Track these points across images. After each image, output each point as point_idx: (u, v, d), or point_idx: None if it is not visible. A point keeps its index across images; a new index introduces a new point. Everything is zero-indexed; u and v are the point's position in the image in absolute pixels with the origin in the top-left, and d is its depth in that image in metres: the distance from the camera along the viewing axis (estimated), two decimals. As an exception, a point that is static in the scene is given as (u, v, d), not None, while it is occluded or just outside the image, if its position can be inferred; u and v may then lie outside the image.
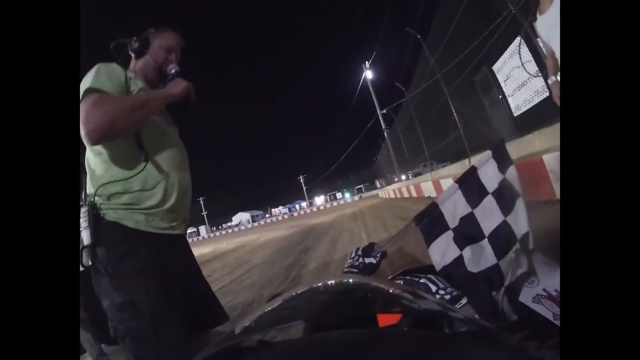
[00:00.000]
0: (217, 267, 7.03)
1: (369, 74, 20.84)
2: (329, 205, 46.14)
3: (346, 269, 1.11)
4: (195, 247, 1.36)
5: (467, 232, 1.07)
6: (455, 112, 9.03)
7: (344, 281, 0.72)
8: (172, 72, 1.22)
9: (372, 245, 1.17)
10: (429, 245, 1.06)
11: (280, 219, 44.29)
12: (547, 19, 1.92)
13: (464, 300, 0.95)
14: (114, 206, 1.07)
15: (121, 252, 1.03)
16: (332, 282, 0.68)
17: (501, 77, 7.13)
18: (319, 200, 66.65)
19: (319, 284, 0.66)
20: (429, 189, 10.16)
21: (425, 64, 10.36)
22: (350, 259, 1.14)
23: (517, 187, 1.08)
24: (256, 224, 46.98)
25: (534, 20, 2.06)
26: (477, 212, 1.08)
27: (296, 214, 44.55)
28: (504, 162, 1.11)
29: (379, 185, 36.59)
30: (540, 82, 5.46)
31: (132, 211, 1.07)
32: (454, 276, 1.03)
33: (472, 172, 1.12)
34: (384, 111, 19.47)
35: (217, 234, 46.45)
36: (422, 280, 1.01)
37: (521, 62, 5.01)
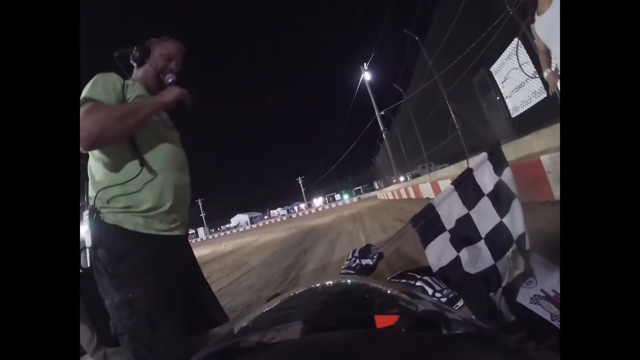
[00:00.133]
0: (215, 269, 7.01)
1: (367, 76, 20.88)
2: (327, 206, 46.13)
3: (343, 271, 1.10)
4: (193, 249, 1.38)
5: (464, 233, 1.08)
6: (453, 114, 9.05)
7: (342, 282, 0.72)
8: (170, 81, 1.27)
9: (368, 246, 1.17)
10: (425, 246, 1.06)
11: (278, 220, 44.27)
12: (546, 20, 1.93)
13: (461, 302, 0.95)
14: (113, 209, 1.10)
15: (120, 254, 1.07)
16: (330, 283, 0.68)
17: (499, 79, 7.17)
18: (318, 201, 66.69)
19: (317, 285, 0.66)
20: (427, 191, 10.18)
21: (423, 66, 10.39)
22: (347, 260, 1.14)
23: (513, 189, 1.09)
24: (255, 226, 46.96)
25: (532, 21, 2.06)
26: (473, 213, 1.09)
27: (295, 216, 44.51)
28: (499, 163, 1.11)
29: (377, 186, 36.61)
30: (537, 83, 5.48)
31: (130, 214, 1.11)
32: (451, 277, 1.03)
33: (468, 174, 1.12)
34: (382, 113, 19.51)
35: (216, 235, 46.36)
36: (419, 282, 1.01)
37: (519, 63, 5.03)
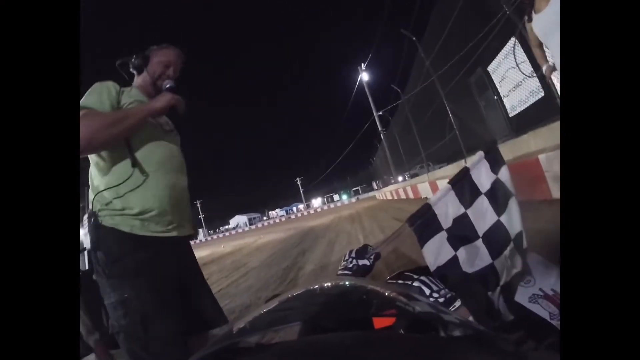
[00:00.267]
0: (214, 271, 7.00)
1: (364, 76, 20.89)
2: (326, 207, 46.14)
3: (340, 272, 1.10)
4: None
5: (461, 232, 1.07)
6: (450, 114, 9.06)
7: (340, 284, 0.72)
8: (167, 87, 1.31)
9: (365, 247, 1.16)
10: (422, 246, 1.06)
11: (277, 221, 44.24)
12: (544, 18, 1.92)
13: (458, 302, 0.94)
14: (110, 212, 1.13)
15: (115, 255, 1.10)
16: (328, 285, 0.68)
17: (496, 78, 7.18)
18: (316, 202, 66.74)
19: (315, 287, 0.66)
20: (425, 190, 10.19)
21: (420, 66, 10.41)
22: (344, 261, 1.13)
23: (510, 187, 1.09)
24: (253, 227, 46.93)
25: (529, 20, 2.05)
26: (470, 212, 1.08)
27: (293, 217, 44.49)
28: (496, 162, 1.11)
29: (375, 186, 36.64)
30: (535, 82, 5.50)
31: (126, 217, 1.13)
32: (449, 277, 1.03)
33: (465, 172, 1.11)
34: (380, 113, 19.52)
35: (215, 237, 46.29)
36: (416, 283, 1.00)
37: (516, 62, 5.04)
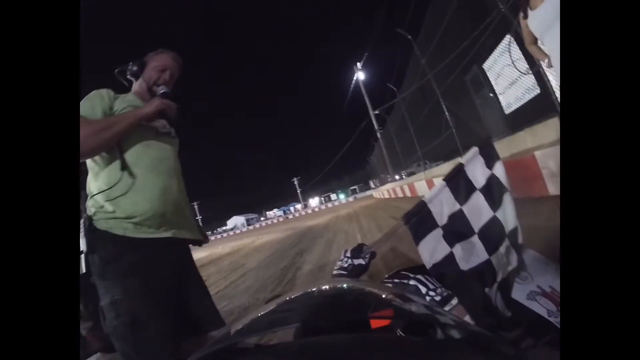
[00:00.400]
0: (212, 272, 6.97)
1: (361, 75, 20.90)
2: (323, 207, 46.19)
3: (335, 272, 1.09)
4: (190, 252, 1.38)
5: (457, 229, 1.06)
6: (447, 112, 9.08)
7: (338, 286, 0.72)
8: (161, 93, 1.33)
9: (360, 246, 1.15)
10: (418, 243, 1.05)
11: (275, 221, 44.25)
12: (540, 14, 1.91)
13: (455, 300, 0.93)
14: (104, 216, 1.15)
15: (108, 258, 1.12)
16: (326, 286, 0.69)
17: (492, 76, 7.20)
18: (314, 202, 66.85)
19: (314, 289, 0.66)
20: (422, 188, 10.22)
21: (416, 64, 10.43)
22: (339, 261, 1.12)
23: (505, 182, 1.08)
24: (251, 227, 46.90)
25: (525, 17, 2.04)
26: (465, 208, 1.07)
27: (291, 217, 44.51)
28: (491, 157, 1.10)
29: (373, 185, 36.74)
30: (530, 79, 5.51)
31: (119, 220, 1.15)
32: (445, 274, 1.02)
33: (460, 169, 1.10)
34: (377, 112, 19.53)
35: (212, 238, 46.17)
36: (412, 281, 0.99)
37: (511, 60, 5.06)
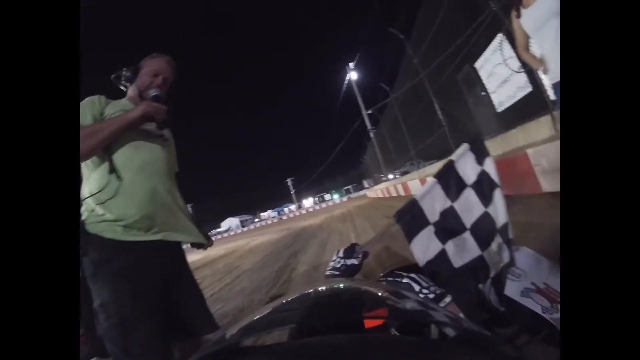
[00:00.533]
0: (207, 274, 6.91)
1: (353, 75, 20.94)
2: (317, 207, 46.24)
3: (328, 272, 1.08)
4: (185, 254, 1.36)
5: (448, 225, 1.06)
6: (439, 110, 9.14)
7: (334, 287, 0.72)
8: (152, 96, 1.32)
9: (353, 246, 1.14)
10: (410, 241, 1.05)
11: (269, 222, 44.15)
12: (533, 13, 1.90)
13: (448, 298, 0.93)
14: (95, 220, 1.16)
15: (98, 261, 1.12)
16: (322, 287, 0.68)
17: (484, 74, 7.25)
18: (308, 202, 66.86)
19: (310, 291, 0.66)
20: (416, 187, 10.27)
21: (408, 64, 10.48)
22: (331, 261, 1.11)
23: (495, 178, 1.07)
24: (245, 229, 46.74)
25: (518, 15, 2.03)
26: (456, 205, 1.08)
27: (285, 217, 44.45)
28: (481, 153, 1.10)
29: (366, 185, 36.87)
30: (522, 77, 5.56)
31: (109, 223, 1.15)
32: (438, 272, 1.02)
33: (450, 165, 1.10)
34: (370, 111, 19.59)
35: (206, 240, 45.61)
36: (405, 280, 0.99)
37: (503, 58, 5.10)
